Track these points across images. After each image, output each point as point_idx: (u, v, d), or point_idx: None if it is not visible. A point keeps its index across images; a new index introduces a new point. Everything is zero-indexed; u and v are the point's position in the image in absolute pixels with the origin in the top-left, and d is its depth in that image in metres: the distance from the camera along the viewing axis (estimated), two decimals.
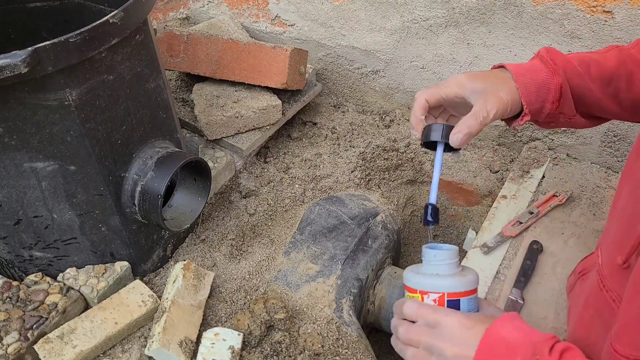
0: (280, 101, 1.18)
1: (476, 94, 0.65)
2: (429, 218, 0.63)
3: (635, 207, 0.60)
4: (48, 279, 0.88)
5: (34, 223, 0.82)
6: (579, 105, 0.71)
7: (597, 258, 0.69)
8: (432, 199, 0.64)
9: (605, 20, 0.98)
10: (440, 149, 0.66)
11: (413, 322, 0.58)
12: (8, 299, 0.84)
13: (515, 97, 0.65)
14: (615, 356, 0.53)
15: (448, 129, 0.64)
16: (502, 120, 0.69)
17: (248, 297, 0.94)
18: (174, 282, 0.89)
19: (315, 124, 1.35)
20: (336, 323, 0.90)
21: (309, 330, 0.88)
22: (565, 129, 1.16)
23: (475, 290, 0.59)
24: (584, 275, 0.77)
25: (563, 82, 0.68)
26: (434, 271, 0.59)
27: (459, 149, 0.66)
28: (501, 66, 0.70)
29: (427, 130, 0.66)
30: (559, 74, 0.67)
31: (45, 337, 0.80)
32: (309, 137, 1.31)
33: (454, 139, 0.64)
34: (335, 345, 0.87)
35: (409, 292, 0.60)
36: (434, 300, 0.58)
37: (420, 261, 0.63)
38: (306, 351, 0.85)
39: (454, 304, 0.58)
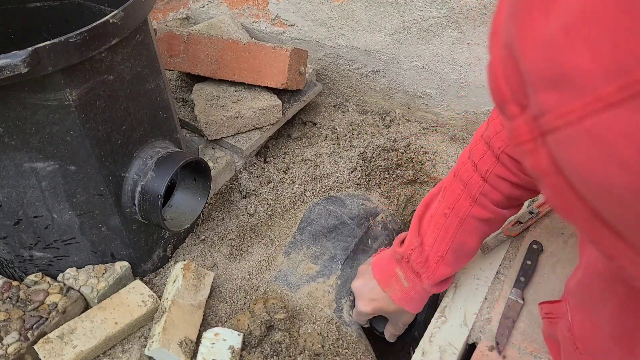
0: (280, 101, 1.18)
1: (388, 315, 0.89)
2: None
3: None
4: (48, 279, 0.88)
5: (34, 223, 0.82)
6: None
7: (566, 313, 0.65)
8: None
9: None
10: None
11: None
12: (8, 299, 0.84)
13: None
14: None
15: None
16: None
17: (248, 297, 0.94)
18: (174, 282, 0.89)
19: (315, 124, 1.35)
20: (336, 323, 0.90)
21: (309, 330, 0.88)
22: None
23: None
24: (552, 320, 0.72)
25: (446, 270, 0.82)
26: None
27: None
28: (383, 285, 0.86)
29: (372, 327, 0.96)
30: (434, 288, 0.83)
31: (45, 337, 0.80)
32: (309, 137, 1.31)
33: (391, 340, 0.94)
34: (335, 346, 0.87)
35: None
36: None
37: None
38: (306, 351, 0.85)
39: None
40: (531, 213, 1.00)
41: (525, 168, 0.32)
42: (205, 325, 0.89)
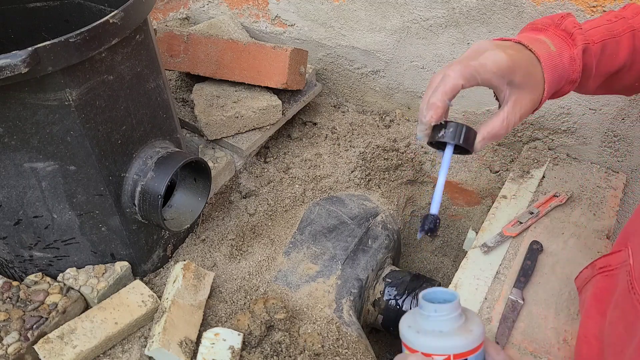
0: (280, 101, 1.18)
1: (513, 89, 0.61)
2: (429, 226, 0.57)
3: None
4: (48, 279, 0.88)
5: (34, 223, 0.82)
6: (591, 83, 0.71)
7: (628, 258, 0.65)
8: (435, 210, 0.58)
9: None
10: (450, 151, 0.59)
11: None
12: (8, 299, 0.84)
13: (541, 90, 0.63)
14: None
15: (465, 130, 0.58)
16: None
17: (248, 297, 0.94)
18: (174, 282, 0.89)
19: (315, 124, 1.35)
20: (336, 323, 0.90)
21: (309, 330, 0.88)
22: (566, 129, 1.16)
23: (482, 344, 0.53)
24: (608, 272, 0.73)
25: (583, 66, 0.66)
26: (435, 327, 0.52)
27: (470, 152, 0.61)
28: (526, 42, 0.64)
29: (440, 129, 0.58)
30: (580, 60, 0.65)
31: (45, 337, 0.80)
32: (309, 137, 1.31)
33: (478, 145, 0.60)
34: (335, 345, 0.87)
35: (409, 351, 0.53)
36: None
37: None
38: (306, 351, 0.85)
39: None
40: (531, 213, 1.01)
41: None
42: (205, 325, 0.89)
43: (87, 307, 0.89)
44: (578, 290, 0.81)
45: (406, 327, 0.54)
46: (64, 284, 0.87)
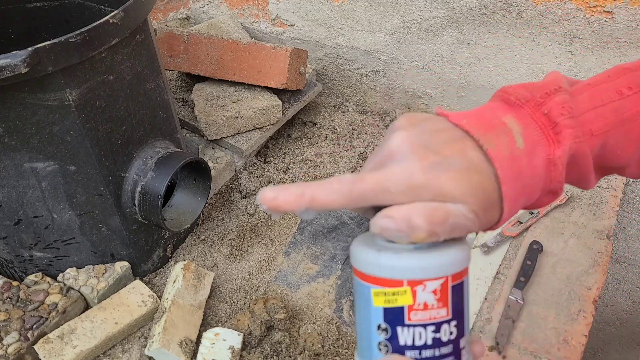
0: (280, 101, 1.18)
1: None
2: None
3: None
4: (48, 279, 0.88)
5: (34, 223, 0.82)
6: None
7: None
8: None
9: (605, 21, 0.98)
10: None
11: None
12: (8, 299, 0.84)
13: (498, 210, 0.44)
14: None
15: None
16: None
17: (248, 297, 0.94)
18: (174, 282, 0.89)
19: (315, 124, 1.35)
20: (336, 323, 0.90)
21: (309, 331, 0.88)
22: None
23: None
24: None
25: (571, 172, 0.43)
26: (416, 245, 0.35)
27: None
28: (476, 135, 0.39)
29: None
30: (563, 167, 0.41)
31: (45, 337, 0.80)
32: (309, 137, 1.31)
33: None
34: (336, 346, 0.87)
35: (382, 285, 0.35)
36: (434, 292, 0.35)
37: None
38: (306, 351, 0.85)
39: (459, 290, 0.36)
40: (531, 213, 1.01)
41: None
42: (205, 325, 0.89)
43: (87, 307, 0.89)
44: None
45: (368, 252, 0.36)
46: (64, 284, 0.87)
